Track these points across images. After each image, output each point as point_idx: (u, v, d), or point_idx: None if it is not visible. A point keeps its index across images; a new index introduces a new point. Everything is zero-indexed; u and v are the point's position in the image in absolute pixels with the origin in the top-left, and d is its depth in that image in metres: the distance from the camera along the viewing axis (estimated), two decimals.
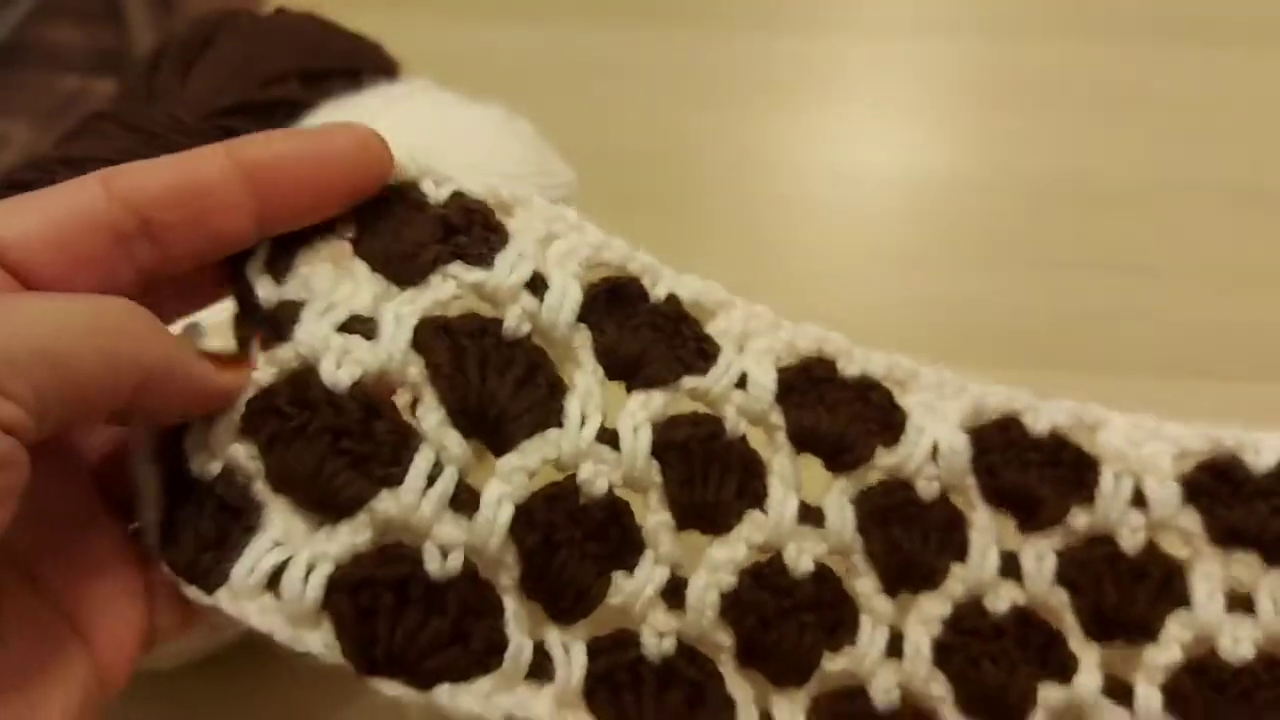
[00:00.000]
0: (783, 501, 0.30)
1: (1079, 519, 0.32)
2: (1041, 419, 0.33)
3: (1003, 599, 0.31)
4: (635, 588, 0.29)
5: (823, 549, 0.30)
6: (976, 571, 0.31)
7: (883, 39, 0.62)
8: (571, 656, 0.28)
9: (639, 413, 0.30)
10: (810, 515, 0.30)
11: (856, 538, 0.31)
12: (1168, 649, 0.31)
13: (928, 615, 0.31)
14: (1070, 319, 0.47)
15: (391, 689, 0.26)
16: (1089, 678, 0.31)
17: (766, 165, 0.55)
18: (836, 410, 0.31)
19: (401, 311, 0.28)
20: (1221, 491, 0.33)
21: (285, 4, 0.53)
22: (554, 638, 0.28)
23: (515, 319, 0.29)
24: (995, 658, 0.31)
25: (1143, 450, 0.33)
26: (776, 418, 0.31)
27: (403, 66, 0.52)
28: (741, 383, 0.31)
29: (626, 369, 0.30)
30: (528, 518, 0.28)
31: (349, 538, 0.26)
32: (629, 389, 0.30)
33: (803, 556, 0.30)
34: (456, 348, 0.28)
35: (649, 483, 0.29)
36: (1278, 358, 0.45)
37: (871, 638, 0.30)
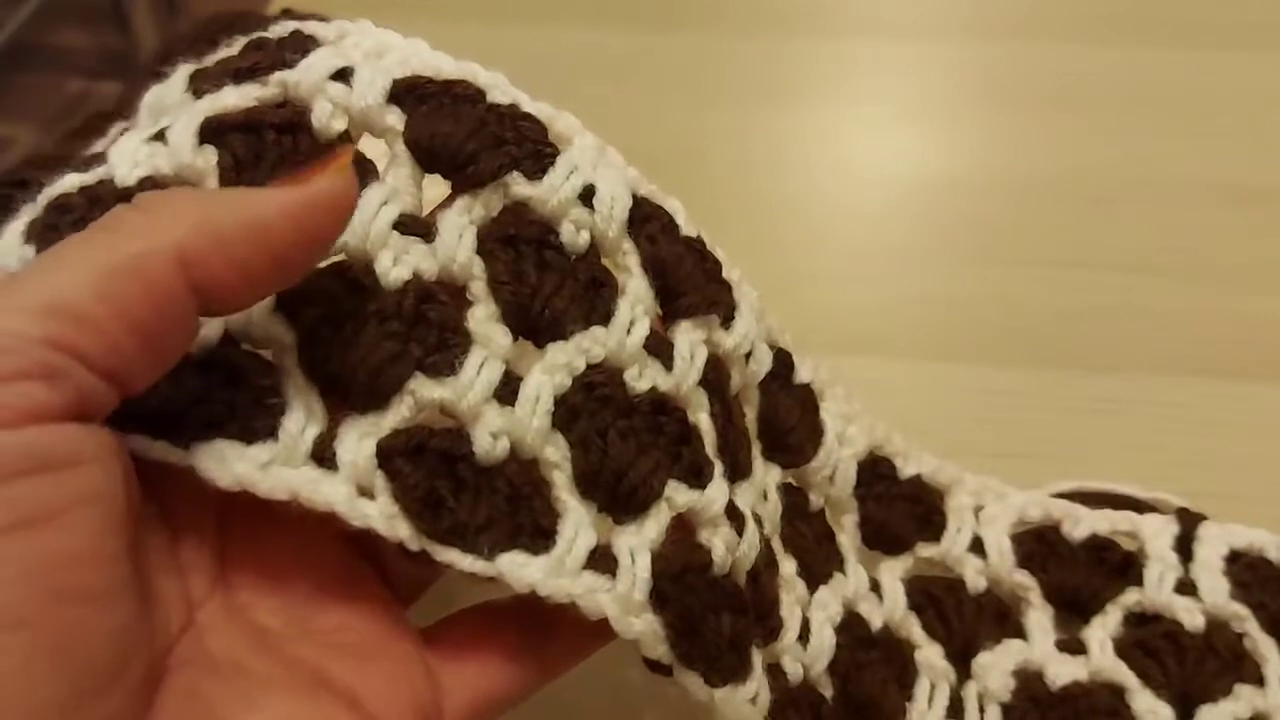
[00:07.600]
0: None
1: (927, 551, 0.37)
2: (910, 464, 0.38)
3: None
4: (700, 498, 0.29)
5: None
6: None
7: (888, 41, 0.62)
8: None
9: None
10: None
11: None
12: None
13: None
14: (1071, 317, 0.47)
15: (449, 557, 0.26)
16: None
17: (773, 165, 0.56)
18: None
19: (461, 221, 0.28)
20: (1044, 555, 0.38)
21: (291, 6, 0.54)
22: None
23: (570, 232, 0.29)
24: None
25: (987, 510, 0.39)
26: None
27: None
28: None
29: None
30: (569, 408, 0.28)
31: (393, 418, 0.26)
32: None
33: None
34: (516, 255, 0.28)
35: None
36: (1277, 354, 0.45)
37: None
